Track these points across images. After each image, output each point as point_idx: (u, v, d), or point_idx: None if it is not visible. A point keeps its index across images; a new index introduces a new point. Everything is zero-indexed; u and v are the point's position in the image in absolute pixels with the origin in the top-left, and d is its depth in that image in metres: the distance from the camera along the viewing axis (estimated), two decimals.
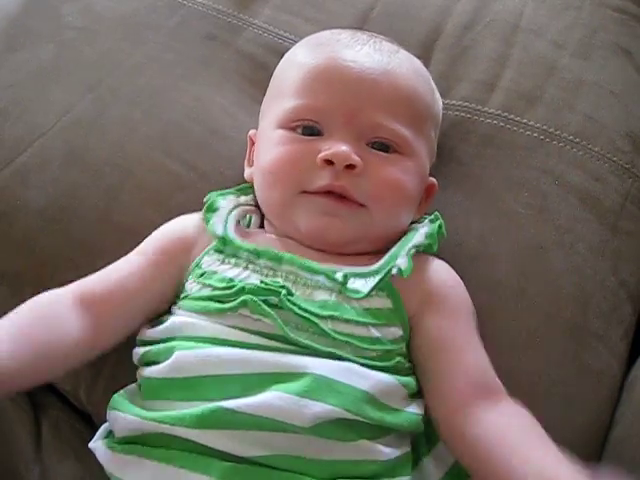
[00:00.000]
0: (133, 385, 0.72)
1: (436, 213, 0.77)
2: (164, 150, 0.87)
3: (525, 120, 0.89)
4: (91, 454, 0.70)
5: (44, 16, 0.96)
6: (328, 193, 0.71)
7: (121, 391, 0.71)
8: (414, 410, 0.68)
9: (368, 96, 0.73)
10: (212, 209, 0.76)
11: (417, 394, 0.71)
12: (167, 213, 0.80)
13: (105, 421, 0.72)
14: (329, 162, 0.70)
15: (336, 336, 0.66)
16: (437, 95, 0.82)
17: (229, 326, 0.67)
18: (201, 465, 0.62)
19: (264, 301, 0.67)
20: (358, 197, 0.71)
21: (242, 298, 0.67)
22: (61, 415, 0.82)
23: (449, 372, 0.69)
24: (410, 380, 0.69)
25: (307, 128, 0.73)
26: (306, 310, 0.66)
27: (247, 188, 0.81)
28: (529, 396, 0.74)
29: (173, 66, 0.94)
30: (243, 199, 0.80)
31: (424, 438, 0.71)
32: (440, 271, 0.75)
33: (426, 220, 0.77)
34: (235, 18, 0.99)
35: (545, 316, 0.78)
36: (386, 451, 0.65)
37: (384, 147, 0.73)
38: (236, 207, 0.78)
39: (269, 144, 0.75)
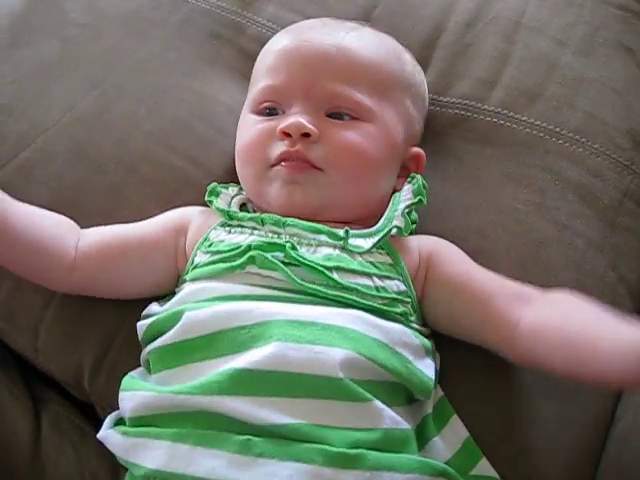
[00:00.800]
0: (140, 368, 0.73)
1: (411, 174, 0.79)
2: (169, 147, 0.87)
3: (525, 117, 0.89)
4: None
5: (48, 12, 0.96)
6: (287, 161, 0.74)
7: (130, 373, 0.72)
8: (426, 371, 0.69)
9: (322, 68, 0.76)
10: (214, 194, 0.79)
11: (432, 355, 0.72)
12: (172, 209, 0.81)
13: (108, 412, 0.72)
14: (287, 134, 0.73)
15: (343, 283, 0.68)
16: (411, 67, 0.84)
17: (238, 283, 0.69)
18: (216, 441, 0.62)
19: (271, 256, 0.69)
20: (315, 161, 0.73)
21: (249, 254, 0.69)
22: (61, 410, 0.82)
23: (482, 302, 0.70)
24: (423, 337, 0.71)
25: (272, 110, 0.77)
26: (312, 261, 0.68)
27: None
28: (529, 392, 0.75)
29: (177, 63, 0.94)
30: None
31: (433, 419, 0.71)
32: (427, 237, 0.78)
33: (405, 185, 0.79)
34: (239, 16, 0.99)
35: None
36: (396, 419, 0.65)
37: (343, 115, 0.76)
38: (238, 194, 0.80)
39: (242, 128, 0.80)
